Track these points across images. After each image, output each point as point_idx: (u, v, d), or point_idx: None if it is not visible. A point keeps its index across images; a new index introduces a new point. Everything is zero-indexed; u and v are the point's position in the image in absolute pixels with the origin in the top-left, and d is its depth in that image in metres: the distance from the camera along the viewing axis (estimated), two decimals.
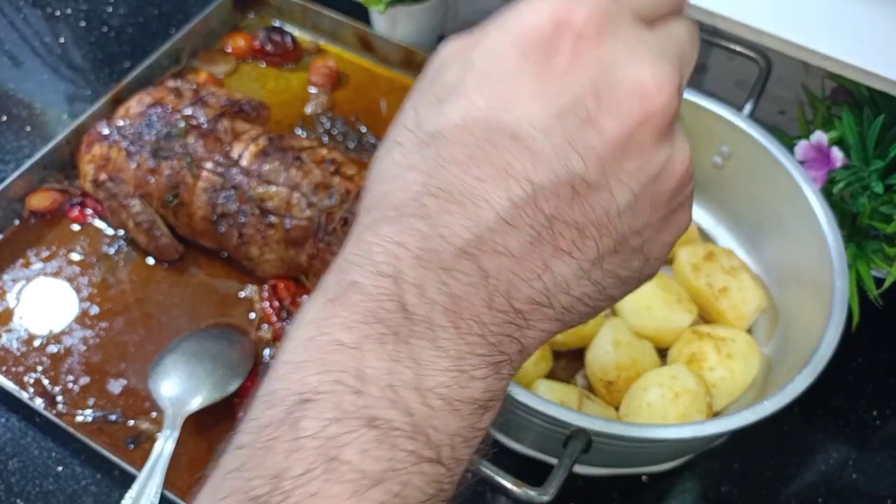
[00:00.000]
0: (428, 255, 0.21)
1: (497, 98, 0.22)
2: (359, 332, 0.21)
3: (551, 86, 0.22)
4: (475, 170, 0.22)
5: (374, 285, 0.21)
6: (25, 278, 0.67)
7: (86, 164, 0.68)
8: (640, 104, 0.21)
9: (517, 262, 0.22)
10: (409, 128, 0.23)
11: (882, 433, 0.63)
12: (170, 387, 0.59)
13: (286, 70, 0.82)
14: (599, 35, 0.22)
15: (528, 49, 0.22)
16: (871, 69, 0.53)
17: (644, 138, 0.22)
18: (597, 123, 0.21)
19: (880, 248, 0.60)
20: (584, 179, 0.22)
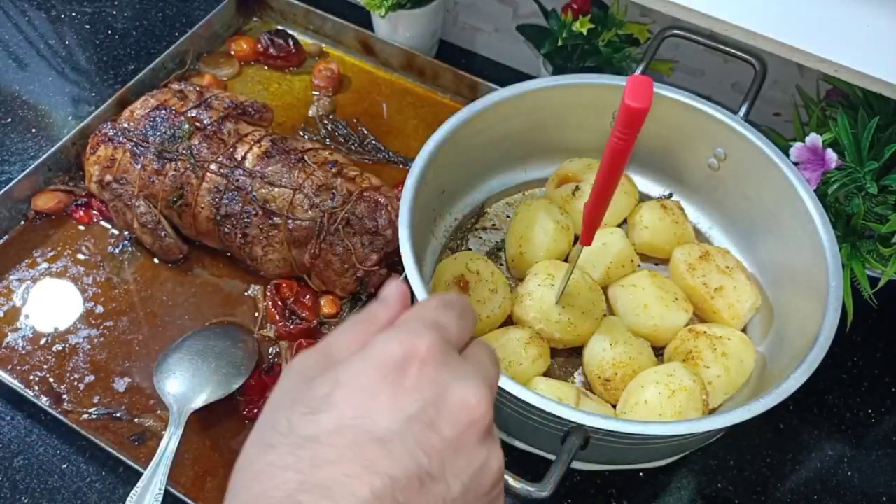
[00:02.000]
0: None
1: (362, 409, 0.28)
2: None
3: (402, 400, 0.28)
4: (345, 468, 0.26)
5: None
6: (31, 278, 0.68)
7: (91, 166, 0.69)
8: (465, 414, 0.28)
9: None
10: (283, 431, 0.28)
11: (877, 431, 0.63)
12: (174, 384, 0.60)
13: (289, 73, 0.83)
14: (435, 363, 0.29)
15: (385, 371, 0.28)
16: (866, 71, 0.54)
17: (471, 440, 0.29)
18: (437, 428, 0.28)
19: (875, 248, 0.61)
20: (428, 473, 0.27)
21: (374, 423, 0.27)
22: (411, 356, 0.29)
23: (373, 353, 0.29)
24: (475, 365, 0.31)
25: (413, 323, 0.30)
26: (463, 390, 0.29)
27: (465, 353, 0.32)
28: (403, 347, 0.29)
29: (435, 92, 0.82)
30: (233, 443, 0.60)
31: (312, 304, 0.66)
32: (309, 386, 0.29)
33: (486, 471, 0.29)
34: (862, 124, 0.59)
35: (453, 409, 0.28)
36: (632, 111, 0.41)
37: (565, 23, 0.72)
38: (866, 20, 0.56)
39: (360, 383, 0.28)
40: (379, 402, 0.28)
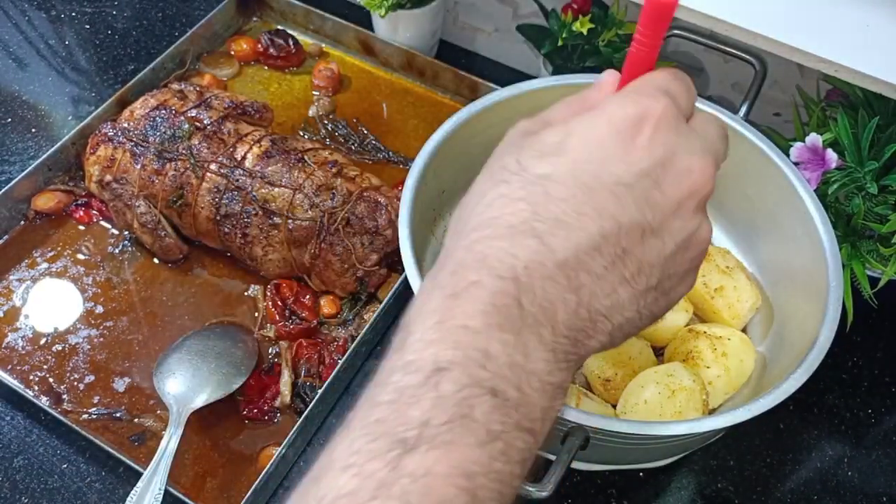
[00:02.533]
0: (536, 266, 0.28)
1: (596, 157, 0.30)
2: (482, 320, 0.27)
3: (634, 155, 0.30)
4: (576, 206, 0.29)
5: (495, 284, 0.28)
6: (31, 278, 0.68)
7: (91, 166, 0.69)
8: (689, 181, 0.31)
9: (597, 280, 0.29)
10: (514, 170, 0.30)
11: (877, 431, 0.63)
12: (174, 384, 0.60)
13: (289, 73, 0.83)
14: (667, 127, 0.30)
15: (620, 128, 0.30)
16: (866, 71, 0.54)
17: (688, 206, 0.31)
18: (662, 187, 0.30)
19: (875, 248, 0.61)
20: (650, 226, 0.30)
21: (607, 171, 0.29)
22: (645, 117, 0.30)
23: (608, 109, 0.31)
24: (703, 137, 0.32)
25: (647, 87, 0.32)
26: (689, 158, 0.31)
27: (692, 123, 0.33)
28: (638, 108, 0.30)
29: (435, 92, 0.82)
30: (233, 443, 0.60)
31: (312, 304, 0.66)
32: (537, 136, 0.31)
33: (696, 238, 0.32)
34: (862, 124, 0.59)
35: (679, 173, 0.30)
36: (657, 5, 0.31)
37: (565, 23, 0.72)
38: (866, 20, 0.56)
39: (594, 134, 0.30)
40: (612, 153, 0.30)
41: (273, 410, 0.61)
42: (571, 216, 0.29)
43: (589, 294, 0.29)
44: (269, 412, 0.61)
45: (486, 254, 0.28)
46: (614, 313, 0.30)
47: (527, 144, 0.31)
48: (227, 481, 0.58)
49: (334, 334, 0.66)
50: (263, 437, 0.60)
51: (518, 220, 0.29)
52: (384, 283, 0.68)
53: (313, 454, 0.61)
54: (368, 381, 0.28)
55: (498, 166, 0.31)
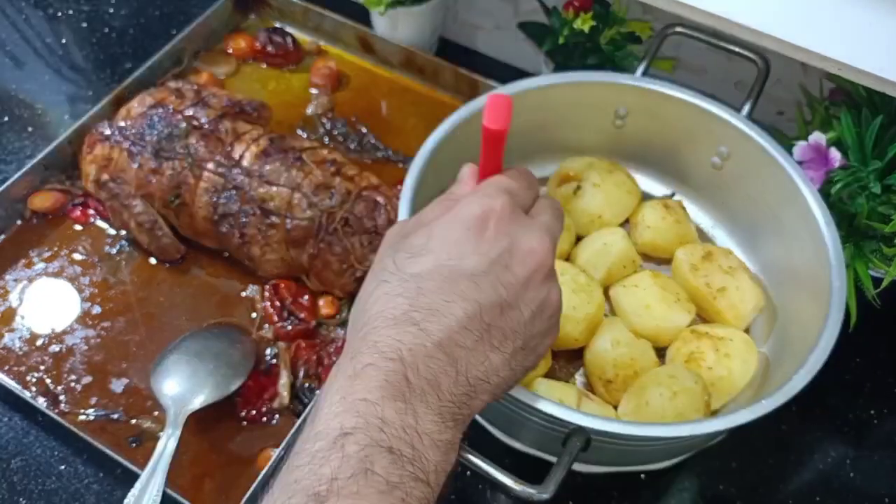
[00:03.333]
0: (418, 348, 0.34)
1: (454, 253, 0.37)
2: (378, 394, 0.33)
3: (484, 246, 0.37)
4: (443, 295, 0.36)
5: (384, 366, 0.34)
6: (27, 278, 0.67)
7: (88, 165, 0.68)
8: (532, 259, 0.38)
9: (470, 352, 0.36)
10: (392, 271, 0.37)
11: (880, 432, 0.63)
12: (172, 386, 0.59)
13: (287, 71, 0.83)
14: (508, 220, 0.38)
15: (469, 226, 0.38)
16: (869, 70, 0.54)
17: (536, 279, 0.38)
18: (511, 269, 0.38)
19: (878, 248, 0.60)
20: (506, 301, 0.37)
21: (464, 263, 0.37)
22: (489, 214, 0.38)
23: (459, 212, 0.38)
24: (540, 221, 0.40)
25: (489, 188, 0.40)
26: (529, 240, 0.38)
27: (532, 212, 0.41)
28: (483, 207, 0.38)
29: (435, 90, 0.81)
30: (231, 444, 0.60)
31: (311, 304, 0.66)
32: (408, 239, 0.39)
33: (548, 302, 0.39)
34: (866, 123, 0.59)
35: (523, 255, 0.38)
36: (490, 133, 0.40)
37: (567, 20, 0.71)
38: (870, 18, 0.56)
39: (450, 234, 0.38)
40: (466, 248, 0.37)
41: (271, 412, 0.61)
42: (441, 304, 0.35)
43: (465, 364, 0.35)
44: (268, 413, 0.61)
45: (377, 341, 0.34)
46: (490, 376, 0.36)
47: (401, 247, 0.38)
48: (225, 483, 0.58)
49: (333, 335, 0.65)
50: (262, 439, 0.60)
51: (399, 312, 0.35)
52: None
53: None
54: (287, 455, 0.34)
55: (380, 267, 0.38)
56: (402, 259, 0.37)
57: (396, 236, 0.40)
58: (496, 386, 0.37)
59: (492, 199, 0.38)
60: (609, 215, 0.64)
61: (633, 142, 0.67)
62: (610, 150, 0.67)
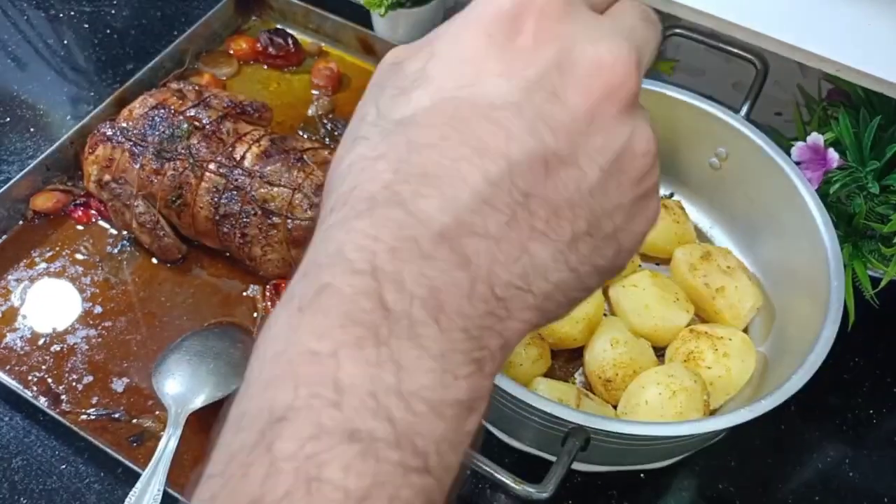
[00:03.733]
0: (405, 245, 0.20)
1: (465, 78, 0.22)
2: (333, 339, 0.20)
3: (517, 63, 0.22)
4: (449, 150, 0.21)
5: (348, 284, 0.20)
6: (29, 278, 0.68)
7: (90, 165, 0.69)
8: (600, 79, 0.22)
9: (496, 243, 0.21)
10: (372, 121, 0.23)
11: (878, 432, 0.63)
12: (173, 385, 0.59)
13: (288, 72, 0.83)
14: (559, 15, 0.22)
15: (492, 30, 0.22)
16: (867, 70, 0.54)
17: (607, 113, 0.22)
18: (563, 98, 0.22)
19: (876, 248, 0.61)
20: (555, 153, 0.22)
21: (483, 93, 0.22)
22: (525, 7, 0.22)
23: (475, 9, 0.23)
24: (618, 22, 0.24)
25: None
26: (595, 47, 0.22)
27: (609, 10, 0.25)
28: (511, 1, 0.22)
29: None
30: None
31: None
32: (400, 66, 0.24)
33: (629, 153, 0.23)
34: (863, 124, 0.59)
35: (584, 72, 0.22)
36: None
37: None
38: (868, 19, 0.56)
39: (460, 49, 0.22)
40: (486, 67, 0.22)
41: None
42: (443, 166, 0.21)
43: (486, 265, 0.21)
44: None
45: (342, 241, 0.21)
46: (534, 280, 0.22)
47: (388, 82, 0.24)
48: None
49: None
50: None
51: (378, 187, 0.21)
52: None
53: None
54: None
55: (357, 119, 0.24)
56: (387, 99, 0.23)
57: (388, 67, 0.24)
58: (546, 296, 0.22)
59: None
60: None
61: None
62: None
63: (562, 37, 0.22)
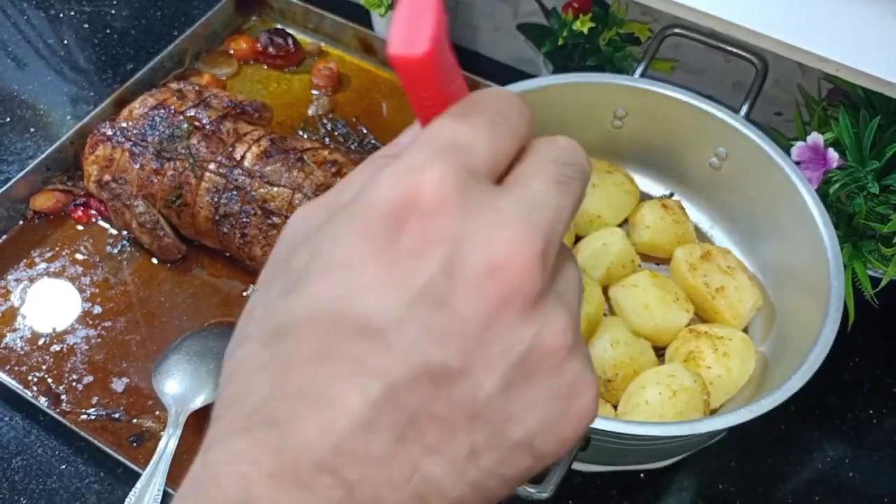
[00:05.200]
0: (283, 472, 0.19)
1: (341, 288, 0.19)
2: None
3: (398, 271, 0.19)
4: (325, 368, 0.19)
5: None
6: (29, 278, 0.68)
7: (89, 165, 0.69)
8: (494, 284, 0.19)
9: (382, 466, 0.19)
10: (258, 320, 0.21)
11: (878, 432, 0.63)
12: (173, 385, 0.59)
13: (288, 72, 0.83)
14: (447, 211, 0.19)
15: (372, 232, 0.19)
16: (867, 70, 0.54)
17: (505, 318, 0.19)
18: (452, 306, 0.19)
19: (876, 248, 0.61)
20: (444, 367, 0.19)
21: (359, 306, 0.19)
22: (409, 205, 0.19)
23: (358, 205, 0.20)
24: (514, 197, 0.20)
25: (417, 150, 0.20)
26: (488, 245, 0.19)
27: (515, 173, 0.21)
28: (397, 191, 0.19)
29: None
30: None
31: None
32: (292, 253, 0.21)
33: (537, 353, 0.20)
34: (863, 124, 0.59)
35: (475, 276, 0.19)
36: (399, 63, 0.21)
37: (566, 22, 0.71)
38: (868, 19, 0.56)
39: (340, 251, 0.20)
40: (364, 275, 0.19)
41: None
42: (320, 385, 0.19)
43: (374, 490, 0.19)
44: None
45: (218, 467, 0.19)
46: (432, 499, 0.20)
47: (280, 272, 0.21)
48: None
49: None
50: None
51: (257, 403, 0.19)
52: None
53: None
54: None
55: (246, 312, 0.22)
56: (274, 296, 0.21)
57: (286, 242, 0.22)
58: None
59: (418, 174, 0.19)
60: (608, 215, 0.65)
61: (632, 142, 0.67)
62: (609, 150, 0.67)
63: (450, 235, 0.19)
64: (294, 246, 0.21)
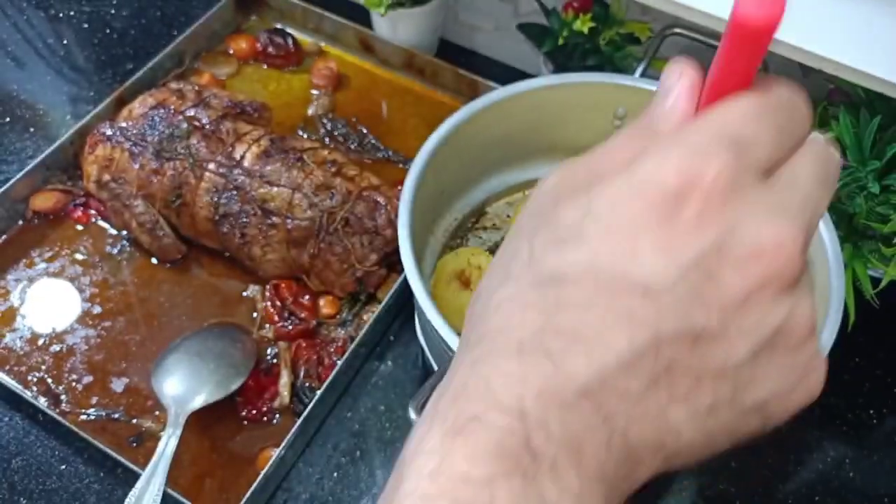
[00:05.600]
0: (550, 393, 0.22)
1: (621, 248, 0.22)
2: (486, 468, 0.21)
3: (676, 242, 0.22)
4: (598, 314, 0.22)
5: (498, 421, 0.22)
6: (28, 278, 0.68)
7: (89, 165, 0.69)
8: (759, 266, 0.22)
9: (635, 404, 0.22)
10: (523, 262, 0.24)
11: (879, 432, 0.63)
12: (173, 385, 0.59)
13: (288, 72, 0.83)
14: (725, 196, 0.22)
15: (655, 203, 0.22)
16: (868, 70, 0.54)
17: (764, 295, 0.22)
18: (718, 279, 0.22)
19: (877, 248, 0.61)
20: (705, 330, 0.22)
21: (637, 267, 0.22)
22: (691, 186, 0.22)
23: (639, 176, 0.22)
24: (787, 193, 0.23)
25: (706, 134, 0.23)
26: (758, 232, 0.22)
27: (782, 171, 0.23)
28: (681, 175, 0.22)
29: (435, 91, 0.81)
30: (231, 444, 0.60)
31: (311, 304, 0.66)
32: (557, 207, 0.24)
33: (785, 331, 0.23)
34: (864, 124, 0.59)
35: (743, 257, 0.22)
36: (746, 31, 0.23)
37: (566, 21, 0.71)
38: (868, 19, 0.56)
39: (618, 215, 0.22)
40: (643, 241, 0.22)
41: (272, 411, 0.61)
42: (592, 329, 0.22)
43: (624, 422, 0.22)
44: (268, 413, 0.61)
45: (490, 378, 0.22)
46: (666, 439, 0.23)
47: (543, 222, 0.24)
48: (225, 482, 0.58)
49: (333, 335, 0.65)
50: (262, 438, 0.60)
51: (528, 334, 0.22)
52: (384, 284, 0.67)
53: (312, 455, 0.61)
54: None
55: (510, 253, 0.25)
56: (541, 244, 0.24)
57: (547, 197, 0.25)
58: (675, 453, 0.23)
59: (703, 159, 0.22)
60: None
61: None
62: None
63: (725, 219, 0.22)
64: (557, 201, 0.24)
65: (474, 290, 0.59)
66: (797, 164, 0.24)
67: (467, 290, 0.60)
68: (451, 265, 0.61)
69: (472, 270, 0.60)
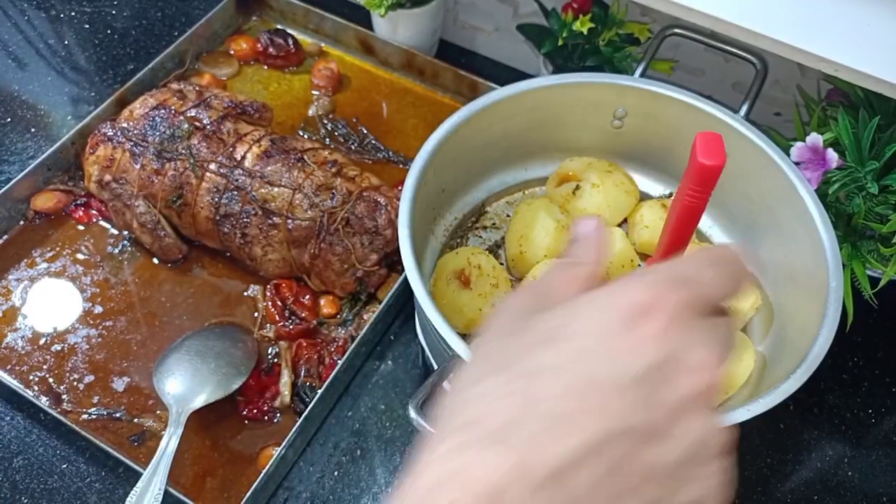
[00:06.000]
0: (524, 477, 0.24)
1: (602, 347, 0.26)
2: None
3: (643, 347, 0.26)
4: (570, 404, 0.25)
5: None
6: (30, 278, 0.68)
7: (90, 166, 0.69)
8: (705, 376, 0.27)
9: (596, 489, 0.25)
10: (513, 357, 0.27)
11: (877, 431, 0.63)
12: (174, 384, 0.59)
13: (288, 72, 0.83)
14: (680, 322, 0.27)
15: (625, 318, 0.27)
16: (866, 70, 0.54)
17: (698, 405, 0.27)
18: (674, 384, 0.26)
19: (875, 248, 0.61)
20: (655, 428, 0.26)
21: (607, 368, 0.26)
22: (657, 307, 0.27)
23: (619, 293, 0.28)
24: (715, 332, 0.28)
25: (667, 274, 0.28)
26: (700, 352, 0.27)
27: (722, 309, 0.29)
28: (648, 297, 0.27)
29: (435, 91, 0.82)
30: (232, 443, 0.60)
31: (312, 304, 0.66)
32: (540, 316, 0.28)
33: (708, 443, 0.27)
34: (863, 124, 0.59)
35: (688, 369, 0.27)
36: (705, 169, 0.40)
37: (566, 22, 0.71)
38: (867, 19, 0.56)
39: (601, 319, 0.27)
40: (619, 343, 0.26)
41: (273, 411, 0.61)
42: (570, 414, 0.25)
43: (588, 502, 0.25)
44: (269, 412, 0.61)
45: (469, 465, 0.25)
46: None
47: (521, 328, 0.28)
48: (226, 481, 0.58)
49: (334, 335, 0.65)
50: (263, 438, 0.60)
51: (508, 419, 0.25)
52: (384, 283, 0.67)
53: (313, 454, 0.61)
54: None
55: (495, 349, 0.28)
56: (517, 348, 0.28)
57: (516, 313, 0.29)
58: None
59: (664, 291, 0.27)
60: (608, 215, 0.65)
61: (632, 142, 0.67)
62: (609, 150, 0.68)
63: (676, 339, 0.27)
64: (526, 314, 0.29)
65: (474, 290, 0.59)
66: (721, 321, 0.29)
67: (467, 289, 0.60)
68: (451, 265, 0.61)
69: (471, 270, 0.60)
